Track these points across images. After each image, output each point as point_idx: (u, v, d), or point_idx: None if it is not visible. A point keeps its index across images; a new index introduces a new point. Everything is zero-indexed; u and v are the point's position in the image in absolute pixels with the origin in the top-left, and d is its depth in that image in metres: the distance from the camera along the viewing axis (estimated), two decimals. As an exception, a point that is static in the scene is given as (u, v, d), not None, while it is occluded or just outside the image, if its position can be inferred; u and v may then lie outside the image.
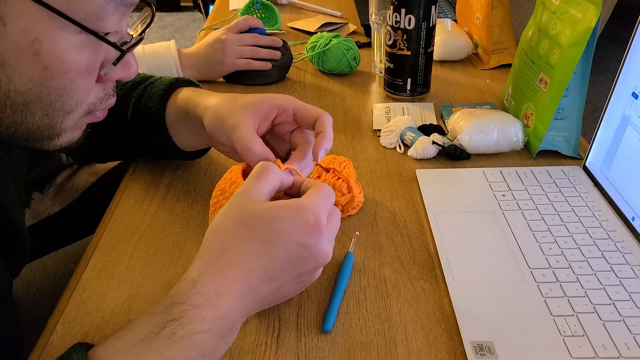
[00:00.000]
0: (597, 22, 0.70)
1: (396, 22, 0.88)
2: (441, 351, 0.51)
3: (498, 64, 1.07)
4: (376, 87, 1.02)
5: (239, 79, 1.03)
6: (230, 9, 1.45)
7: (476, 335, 0.51)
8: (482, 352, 0.49)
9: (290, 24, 1.32)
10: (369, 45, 1.17)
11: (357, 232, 0.64)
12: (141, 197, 0.71)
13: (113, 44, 0.45)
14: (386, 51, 0.93)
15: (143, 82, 0.72)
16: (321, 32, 1.08)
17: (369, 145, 0.83)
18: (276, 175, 0.50)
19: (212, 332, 0.42)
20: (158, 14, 4.16)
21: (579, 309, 0.53)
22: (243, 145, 0.56)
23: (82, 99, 0.46)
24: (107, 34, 0.44)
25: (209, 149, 0.75)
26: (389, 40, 0.91)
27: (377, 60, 1.06)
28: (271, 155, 0.56)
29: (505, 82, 0.92)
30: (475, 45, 1.10)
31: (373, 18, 1.02)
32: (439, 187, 0.72)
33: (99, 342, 0.42)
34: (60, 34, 0.41)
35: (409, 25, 0.88)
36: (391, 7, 0.88)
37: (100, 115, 0.50)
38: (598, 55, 0.78)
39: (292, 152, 0.61)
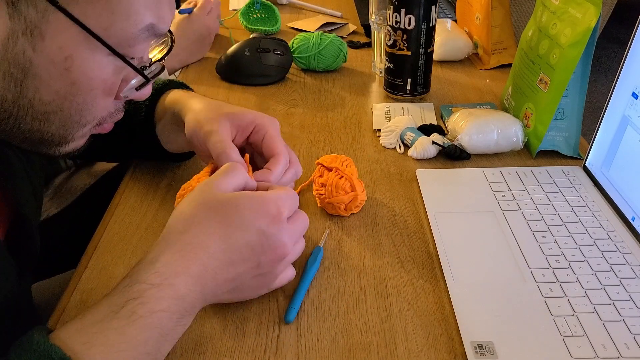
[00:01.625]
0: (597, 22, 0.70)
1: (396, 22, 0.88)
2: (441, 351, 0.51)
3: (498, 64, 1.07)
4: (376, 87, 1.02)
5: (239, 79, 1.03)
6: (230, 8, 1.45)
7: (476, 335, 0.51)
8: (482, 352, 0.49)
9: (290, 24, 1.32)
10: (369, 45, 1.17)
11: (327, 230, 0.65)
12: (141, 198, 0.72)
13: (140, 72, 0.47)
14: (386, 51, 0.93)
15: None
16: (323, 32, 1.08)
17: (369, 145, 0.83)
18: (242, 174, 0.52)
19: (170, 311, 0.43)
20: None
21: (579, 309, 0.53)
22: (219, 150, 0.58)
23: (99, 114, 0.49)
24: (132, 58, 0.46)
25: (191, 154, 0.76)
26: (389, 40, 0.91)
27: (377, 60, 1.06)
28: (244, 163, 0.58)
29: (505, 82, 0.92)
30: (475, 45, 1.10)
31: (373, 18, 1.02)
32: (439, 187, 0.72)
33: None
34: (92, 54, 0.43)
35: (409, 25, 0.88)
36: (391, 7, 0.88)
37: (107, 127, 0.52)
38: (598, 55, 0.78)
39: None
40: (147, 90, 0.51)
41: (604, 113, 0.71)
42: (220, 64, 1.04)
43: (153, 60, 0.51)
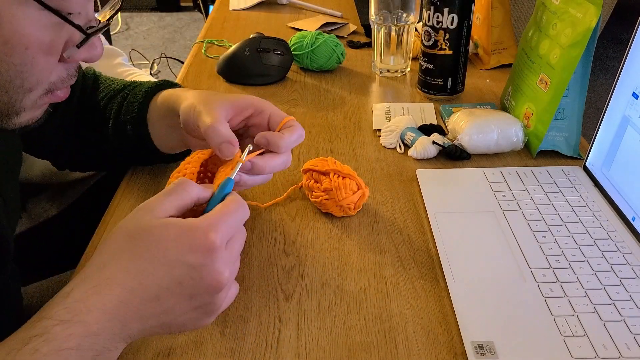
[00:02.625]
0: (598, 22, 0.70)
1: (437, 22, 0.89)
2: (442, 351, 0.51)
3: (498, 64, 1.07)
4: (376, 87, 1.02)
5: (239, 79, 1.03)
6: (230, 9, 1.45)
7: (477, 335, 0.51)
8: (483, 352, 0.49)
9: (290, 24, 1.32)
10: (369, 45, 1.17)
11: (250, 145, 0.55)
12: (141, 198, 0.71)
13: (76, 25, 0.44)
14: (424, 52, 0.93)
15: (131, 85, 0.72)
16: (323, 31, 1.08)
17: (369, 145, 0.83)
18: (190, 193, 0.47)
19: (81, 349, 0.39)
20: (158, 14, 4.17)
21: (580, 309, 0.53)
22: (207, 124, 0.54)
23: (43, 78, 0.46)
24: (70, 14, 0.44)
25: (186, 153, 0.73)
26: (429, 41, 0.91)
27: (377, 60, 1.06)
28: (235, 139, 0.54)
29: (505, 82, 0.92)
30: (476, 45, 1.10)
31: (373, 18, 1.02)
32: (439, 187, 0.72)
33: None
34: (22, 10, 0.41)
35: (452, 24, 0.88)
36: (431, 7, 0.88)
37: (61, 95, 0.49)
38: (598, 55, 0.78)
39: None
40: (97, 52, 0.48)
41: (604, 113, 0.71)
42: (220, 64, 1.04)
43: (102, 20, 0.48)
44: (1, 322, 0.54)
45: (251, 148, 0.55)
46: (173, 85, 0.71)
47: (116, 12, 0.49)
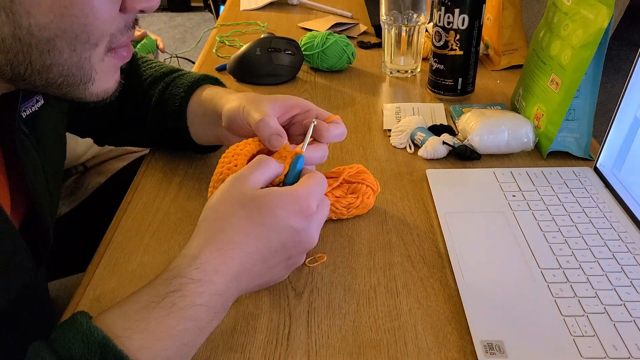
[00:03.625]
0: (609, 23, 0.70)
1: (448, 22, 0.89)
2: (451, 350, 0.51)
3: (509, 64, 1.07)
4: (386, 87, 1.02)
5: (250, 79, 1.03)
6: (241, 9, 1.46)
7: (486, 334, 0.51)
8: (492, 351, 0.49)
9: (300, 25, 1.32)
10: (379, 45, 1.18)
11: (313, 123, 0.59)
12: (153, 195, 0.72)
13: None
14: (434, 52, 0.94)
15: (172, 73, 0.75)
16: (333, 32, 1.08)
17: (379, 145, 0.83)
18: (272, 167, 0.53)
19: (208, 306, 0.44)
20: (169, 14, 4.19)
21: (590, 310, 0.53)
22: (258, 119, 0.57)
23: (106, 29, 0.45)
24: None
25: (218, 146, 0.77)
26: (439, 41, 0.91)
27: (387, 60, 1.06)
28: (283, 132, 0.57)
29: (515, 83, 0.92)
30: (486, 46, 1.10)
31: (384, 18, 1.02)
32: (449, 187, 0.72)
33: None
34: None
35: (463, 25, 0.88)
36: (442, 8, 0.89)
37: (125, 54, 0.50)
38: (609, 56, 0.78)
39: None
40: (155, 1, 0.48)
41: (615, 114, 0.71)
42: (231, 64, 1.05)
43: None
44: (32, 318, 0.55)
45: (314, 124, 0.59)
46: (214, 79, 0.74)
47: None
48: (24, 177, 0.55)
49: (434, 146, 0.78)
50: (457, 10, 0.88)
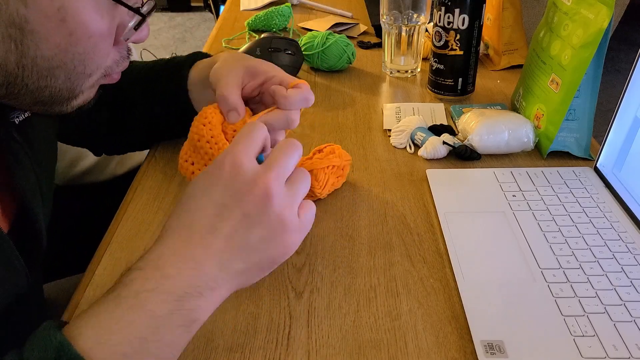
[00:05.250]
0: (610, 23, 0.70)
1: (449, 22, 0.89)
2: (451, 350, 0.51)
3: (509, 64, 1.07)
4: (386, 87, 1.02)
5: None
6: (241, 9, 1.46)
7: (486, 334, 0.51)
8: (493, 351, 0.49)
9: (301, 24, 1.32)
10: (379, 45, 1.18)
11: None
12: (153, 195, 0.72)
13: (135, 10, 0.47)
14: (434, 52, 0.94)
15: (159, 63, 0.77)
16: (333, 32, 1.08)
17: (379, 145, 0.83)
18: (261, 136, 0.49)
19: (158, 291, 0.41)
20: (169, 14, 4.19)
21: (590, 309, 0.53)
22: (219, 92, 0.59)
23: (102, 62, 0.49)
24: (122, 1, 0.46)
25: None
26: (439, 41, 0.91)
27: (387, 60, 1.06)
28: (242, 108, 0.59)
29: (516, 83, 0.92)
30: (486, 46, 1.10)
31: (384, 18, 1.02)
32: (449, 187, 0.72)
33: None
34: (84, 1, 0.44)
35: (463, 25, 0.88)
36: (442, 8, 0.89)
37: (115, 77, 0.53)
38: (610, 57, 0.78)
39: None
40: (145, 33, 0.51)
41: (615, 114, 0.71)
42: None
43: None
44: (25, 321, 0.55)
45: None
46: (205, 55, 0.75)
47: None
48: (13, 182, 0.55)
49: (434, 146, 0.78)
50: (457, 10, 0.88)
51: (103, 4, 0.45)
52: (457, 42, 0.90)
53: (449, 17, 0.89)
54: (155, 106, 0.75)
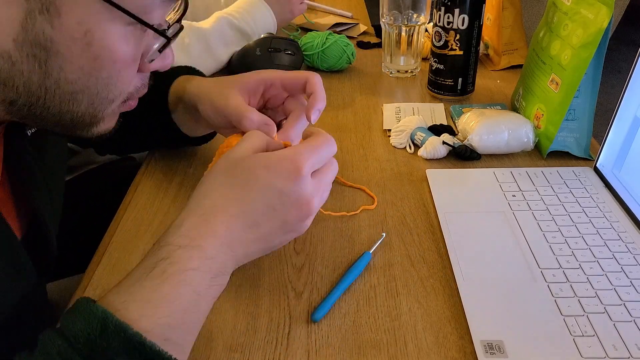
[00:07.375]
0: (609, 23, 0.70)
1: (448, 22, 0.89)
2: (451, 349, 0.51)
3: (509, 64, 1.07)
4: (386, 87, 1.02)
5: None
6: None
7: (486, 334, 0.51)
8: (492, 351, 0.49)
9: (301, 24, 1.32)
10: (379, 45, 1.18)
11: (383, 234, 0.64)
12: (153, 195, 0.72)
13: (162, 33, 0.47)
14: (434, 52, 0.94)
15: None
16: (333, 32, 1.08)
17: (379, 145, 0.83)
18: (261, 137, 0.53)
19: (201, 270, 0.44)
20: None
21: (590, 309, 0.53)
22: (239, 115, 0.59)
23: (125, 88, 0.48)
24: (151, 25, 0.46)
25: (214, 133, 0.78)
26: (439, 41, 0.91)
27: (387, 60, 1.06)
28: (269, 120, 0.58)
29: (515, 83, 0.92)
30: (486, 46, 1.10)
31: (384, 18, 1.02)
32: (449, 187, 0.72)
33: None
34: (111, 25, 0.43)
35: (463, 25, 0.88)
36: (442, 8, 0.89)
37: (132, 104, 0.52)
38: (609, 57, 0.78)
39: (286, 120, 0.63)
40: (169, 60, 0.51)
41: (615, 114, 0.71)
42: (231, 63, 1.05)
43: (171, 23, 0.50)
44: (32, 323, 0.55)
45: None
46: (185, 70, 0.74)
47: (183, 14, 0.51)
48: (25, 191, 0.56)
49: (434, 146, 0.78)
50: (457, 10, 0.88)
51: (130, 30, 0.44)
52: (457, 42, 0.90)
53: (448, 17, 0.89)
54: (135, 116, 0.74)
